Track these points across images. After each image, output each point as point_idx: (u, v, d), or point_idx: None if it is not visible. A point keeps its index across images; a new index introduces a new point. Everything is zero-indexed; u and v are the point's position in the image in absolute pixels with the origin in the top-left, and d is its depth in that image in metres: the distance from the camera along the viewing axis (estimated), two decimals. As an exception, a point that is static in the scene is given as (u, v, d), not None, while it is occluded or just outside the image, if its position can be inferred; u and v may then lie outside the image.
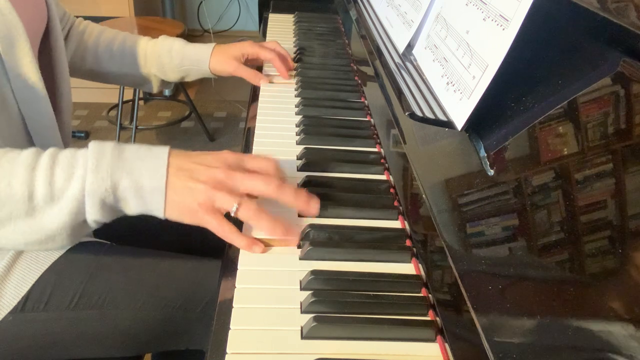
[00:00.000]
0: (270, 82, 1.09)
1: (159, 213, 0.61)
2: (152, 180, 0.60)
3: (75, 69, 1.06)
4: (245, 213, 0.61)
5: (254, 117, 0.96)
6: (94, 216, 0.60)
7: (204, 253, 0.86)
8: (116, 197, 0.60)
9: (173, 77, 1.09)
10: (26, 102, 0.75)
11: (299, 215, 0.69)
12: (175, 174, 0.61)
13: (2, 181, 0.58)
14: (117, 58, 1.06)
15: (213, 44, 1.08)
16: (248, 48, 1.08)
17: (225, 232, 0.62)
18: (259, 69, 1.14)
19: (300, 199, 0.65)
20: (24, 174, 0.59)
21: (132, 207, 0.61)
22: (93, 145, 0.61)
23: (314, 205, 0.66)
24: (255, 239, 0.63)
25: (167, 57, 1.05)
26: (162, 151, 0.62)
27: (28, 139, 0.78)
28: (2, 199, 0.58)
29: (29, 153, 0.61)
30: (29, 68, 0.74)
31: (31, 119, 0.77)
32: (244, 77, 1.08)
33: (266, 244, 0.63)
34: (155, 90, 1.13)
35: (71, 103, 0.92)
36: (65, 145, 0.87)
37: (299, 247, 0.64)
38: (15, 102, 0.74)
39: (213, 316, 0.55)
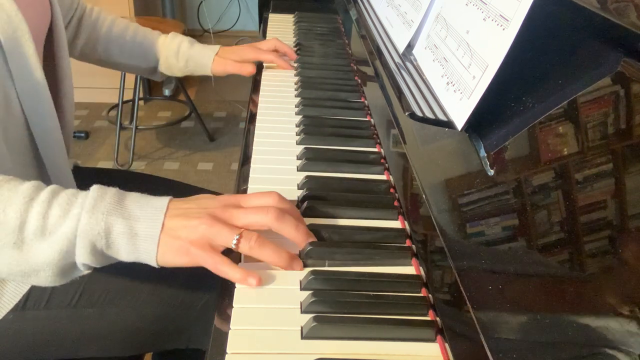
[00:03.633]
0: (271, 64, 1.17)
1: (151, 261, 0.58)
2: (147, 228, 0.57)
3: (85, 56, 1.11)
4: (247, 244, 0.58)
5: (254, 117, 0.96)
6: (83, 259, 0.57)
7: None
8: (108, 242, 0.57)
9: (178, 75, 1.17)
10: (29, 102, 0.76)
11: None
12: (170, 219, 0.58)
13: None
14: (127, 50, 1.11)
15: (218, 47, 1.14)
16: (249, 54, 1.14)
17: (217, 264, 0.57)
18: (260, 66, 1.18)
19: (300, 231, 0.61)
20: (20, 204, 0.56)
21: (123, 255, 0.58)
22: (95, 187, 0.59)
23: (312, 239, 0.62)
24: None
25: (174, 59, 1.12)
26: (163, 201, 0.60)
27: (30, 140, 0.78)
28: None
29: (31, 185, 0.59)
30: (33, 68, 0.74)
31: (34, 118, 0.77)
32: (239, 73, 1.14)
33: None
34: (160, 79, 1.22)
35: (73, 102, 0.92)
36: (67, 144, 0.87)
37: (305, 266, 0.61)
38: (18, 102, 0.74)
39: (213, 316, 0.55)
